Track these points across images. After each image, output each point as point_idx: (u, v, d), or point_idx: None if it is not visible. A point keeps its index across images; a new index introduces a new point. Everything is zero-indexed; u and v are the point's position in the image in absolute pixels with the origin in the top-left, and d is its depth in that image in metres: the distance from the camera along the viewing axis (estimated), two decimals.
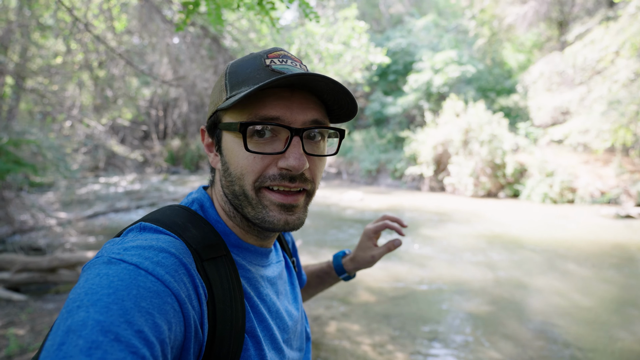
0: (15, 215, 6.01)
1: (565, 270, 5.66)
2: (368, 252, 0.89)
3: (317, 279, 0.94)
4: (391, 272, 5.40)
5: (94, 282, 0.40)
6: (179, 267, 0.47)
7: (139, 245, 0.47)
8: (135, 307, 0.39)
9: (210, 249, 0.54)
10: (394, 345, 3.32)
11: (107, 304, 0.38)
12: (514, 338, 3.51)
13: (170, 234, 0.52)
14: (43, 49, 7.87)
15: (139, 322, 0.38)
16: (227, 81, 0.58)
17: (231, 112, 0.56)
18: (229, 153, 0.57)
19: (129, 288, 0.40)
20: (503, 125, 14.83)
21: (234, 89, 0.56)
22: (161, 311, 0.41)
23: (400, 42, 20.88)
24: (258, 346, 0.55)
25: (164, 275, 0.44)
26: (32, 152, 6.68)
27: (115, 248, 0.47)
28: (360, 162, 19.80)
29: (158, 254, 0.46)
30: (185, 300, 0.44)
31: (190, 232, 0.55)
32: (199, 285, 0.49)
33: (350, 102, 0.56)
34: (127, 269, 0.42)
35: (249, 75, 0.56)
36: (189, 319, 0.44)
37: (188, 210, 0.59)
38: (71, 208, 8.68)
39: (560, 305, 4.32)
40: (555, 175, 13.13)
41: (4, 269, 4.09)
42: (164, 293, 0.42)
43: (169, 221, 0.55)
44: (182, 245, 0.51)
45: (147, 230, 0.52)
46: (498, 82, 19.55)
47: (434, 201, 13.31)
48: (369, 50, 8.27)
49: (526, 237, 7.82)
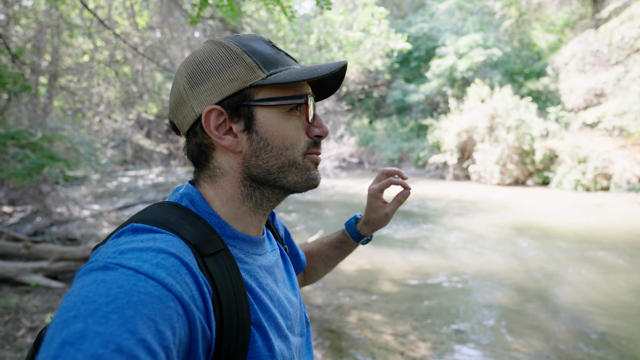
0: (52, 208, 6.33)
1: (599, 260, 5.42)
2: (380, 212, 0.91)
3: (336, 250, 0.96)
4: (413, 262, 5.35)
5: (90, 290, 0.38)
6: (180, 267, 0.45)
7: (136, 247, 0.45)
8: (137, 314, 0.37)
9: (208, 244, 0.53)
10: (416, 335, 3.30)
11: (106, 313, 0.36)
12: (543, 331, 3.41)
13: (166, 232, 0.50)
14: (71, 47, 8.16)
15: (141, 330, 0.36)
16: (253, 59, 0.58)
17: (269, 89, 0.58)
18: (272, 127, 0.59)
19: (129, 295, 0.38)
20: (531, 109, 14.22)
21: (270, 68, 0.58)
22: (164, 316, 0.39)
23: (422, 26, 20.28)
24: (265, 336, 0.55)
25: (165, 277, 0.42)
26: (65, 148, 7.00)
27: (110, 252, 0.44)
28: (382, 152, 19.57)
29: (157, 255, 0.44)
30: (188, 302, 0.43)
31: (185, 228, 0.53)
32: (203, 284, 0.47)
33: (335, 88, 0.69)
34: (125, 274, 0.40)
35: (274, 57, 0.60)
36: (194, 321, 0.43)
37: (178, 207, 0.57)
38: (103, 200, 9.07)
39: (593, 297, 4.15)
40: (588, 161, 12.52)
41: (43, 258, 4.35)
42: (166, 297, 0.40)
43: (161, 219, 0.53)
44: (180, 243, 0.49)
45: (140, 231, 0.50)
46: (526, 64, 18.69)
47: (458, 190, 13.02)
48: (389, 36, 8.08)
49: (557, 226, 7.53)
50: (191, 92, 0.58)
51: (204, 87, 0.58)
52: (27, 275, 4.06)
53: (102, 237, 6.08)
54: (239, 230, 0.61)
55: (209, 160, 0.61)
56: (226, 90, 0.57)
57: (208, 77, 0.58)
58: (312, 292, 4.22)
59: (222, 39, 0.60)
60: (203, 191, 0.62)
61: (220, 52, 0.58)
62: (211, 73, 0.58)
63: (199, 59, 0.59)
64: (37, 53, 7.33)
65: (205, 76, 0.58)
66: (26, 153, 4.51)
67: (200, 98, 0.58)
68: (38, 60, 7.37)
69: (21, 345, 2.89)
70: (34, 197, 6.39)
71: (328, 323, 3.51)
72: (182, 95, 0.59)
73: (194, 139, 0.60)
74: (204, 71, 0.58)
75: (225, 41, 0.59)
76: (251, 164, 0.59)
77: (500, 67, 18.17)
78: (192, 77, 0.58)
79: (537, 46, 19.11)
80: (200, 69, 0.58)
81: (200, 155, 0.61)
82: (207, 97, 0.57)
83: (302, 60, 7.43)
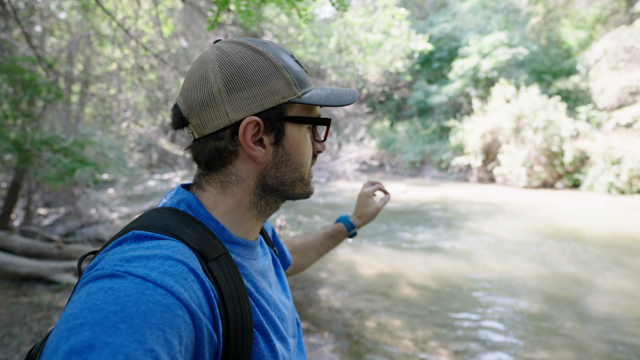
0: (83, 210, 6.62)
1: (634, 267, 5.13)
2: (373, 206, 1.12)
3: (331, 239, 1.09)
4: (434, 266, 5.23)
5: (98, 297, 0.38)
6: (188, 274, 0.45)
7: (142, 255, 0.45)
8: (145, 324, 0.37)
9: (211, 249, 0.53)
10: (437, 342, 3.22)
11: (114, 322, 0.35)
12: (572, 341, 3.26)
13: (169, 238, 0.50)
14: (101, 56, 8.53)
15: (149, 340, 0.36)
16: (291, 75, 0.58)
17: (300, 108, 0.61)
18: (296, 144, 0.62)
19: (137, 304, 0.38)
20: (560, 109, 13.68)
21: (303, 87, 0.60)
22: (172, 325, 0.39)
23: (444, 27, 19.95)
24: (267, 338, 0.55)
25: (173, 285, 0.42)
26: (95, 152, 7.30)
27: (116, 260, 0.44)
28: (403, 154, 19.33)
29: (164, 262, 0.44)
30: (196, 310, 0.43)
31: (187, 233, 0.53)
32: (210, 290, 0.47)
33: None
34: (133, 282, 0.40)
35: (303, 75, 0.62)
36: (201, 329, 0.43)
37: (177, 212, 0.57)
38: (130, 203, 9.40)
39: (629, 306, 3.93)
40: (622, 163, 11.91)
41: (73, 258, 4.55)
42: (174, 306, 0.40)
43: (162, 225, 0.52)
44: (185, 248, 0.49)
45: (143, 238, 0.49)
46: (555, 63, 18.02)
47: (482, 193, 12.67)
48: (410, 37, 7.99)
49: (588, 230, 7.19)
50: (227, 97, 0.56)
51: (243, 94, 0.56)
52: (58, 274, 4.25)
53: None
54: (238, 235, 0.62)
55: (226, 165, 0.60)
56: (267, 103, 0.56)
57: (250, 86, 0.56)
58: (331, 295, 4.21)
59: (255, 44, 0.58)
60: (202, 195, 0.61)
61: (261, 62, 0.57)
62: (253, 82, 0.56)
63: (238, 64, 0.56)
64: (70, 62, 7.70)
65: (246, 84, 0.56)
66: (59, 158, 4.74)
67: (238, 105, 0.56)
68: (70, 69, 7.75)
69: None
70: (66, 199, 6.70)
71: (347, 327, 3.49)
72: (216, 97, 0.56)
73: (215, 142, 0.58)
74: (245, 79, 0.56)
75: (262, 49, 0.58)
76: (269, 174, 0.61)
77: (526, 66, 17.60)
78: (231, 81, 0.56)
79: (566, 43, 18.39)
80: (241, 76, 0.56)
81: (218, 160, 0.59)
82: (246, 105, 0.56)
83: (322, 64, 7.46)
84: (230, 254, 0.58)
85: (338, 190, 13.13)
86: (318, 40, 7.22)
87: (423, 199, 11.31)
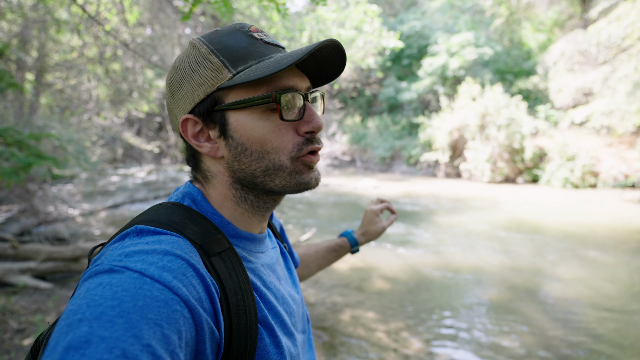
0: (39, 207, 6.22)
1: (588, 257, 5.52)
2: (378, 225, 1.10)
3: (333, 252, 1.07)
4: (406, 259, 5.38)
5: (96, 293, 0.38)
6: (187, 269, 0.45)
7: (142, 249, 0.45)
8: (142, 319, 0.37)
9: (215, 244, 0.53)
10: (409, 332, 3.32)
11: (111, 317, 0.36)
12: (533, 326, 3.46)
13: (171, 233, 0.50)
14: (59, 44, 8.00)
15: (146, 335, 0.36)
16: (220, 58, 0.54)
17: (239, 90, 0.54)
18: (247, 131, 0.54)
19: (134, 299, 0.38)
20: (521, 108, 14.40)
21: (239, 65, 0.53)
22: (170, 321, 0.39)
23: (414, 25, 20.36)
24: (272, 333, 0.55)
25: (171, 281, 0.42)
26: (53, 146, 6.87)
27: (115, 255, 0.44)
28: (374, 150, 19.64)
29: (163, 257, 0.44)
30: (195, 305, 0.42)
31: (190, 228, 0.53)
32: (210, 284, 0.47)
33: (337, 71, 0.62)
34: (131, 277, 0.40)
35: (245, 50, 0.54)
36: (201, 323, 0.43)
37: (181, 207, 0.57)
38: (92, 199, 8.94)
39: (583, 293, 4.23)
40: (576, 159, 12.74)
41: (30, 259, 4.27)
42: (172, 301, 0.40)
43: (165, 220, 0.52)
44: (186, 243, 0.49)
45: (145, 233, 0.49)
46: (516, 63, 18.91)
47: (449, 187, 13.13)
48: (382, 34, 8.09)
49: (546, 223, 7.65)
50: (173, 100, 0.58)
51: (180, 94, 0.57)
52: (14, 276, 3.98)
53: (92, 237, 5.99)
54: (243, 229, 0.61)
55: (198, 163, 0.61)
56: (196, 97, 0.55)
57: (182, 83, 0.56)
58: (305, 290, 4.22)
59: (197, 38, 0.57)
60: (204, 190, 0.61)
61: (191, 56, 0.56)
62: (184, 79, 0.56)
63: (175, 65, 0.58)
64: (23, 49, 7.17)
65: (179, 83, 0.56)
66: (13, 151, 4.41)
67: (179, 106, 0.57)
68: (24, 56, 7.21)
69: (8, 347, 2.83)
70: (20, 196, 6.26)
71: (321, 321, 3.52)
72: (169, 103, 0.60)
73: (184, 143, 0.60)
74: (178, 78, 0.57)
75: (196, 42, 0.56)
76: (235, 168, 0.57)
77: (491, 66, 18.35)
78: (171, 84, 0.58)
79: (527, 45, 19.34)
80: (176, 76, 0.57)
81: (192, 159, 0.62)
82: (183, 105, 0.57)
83: None
84: (236, 249, 0.58)
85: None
86: (290, 34, 7.15)
87: (393, 193, 11.56)
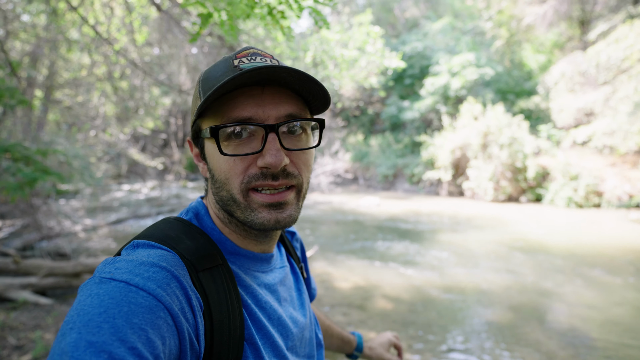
0: (43, 222, 6.24)
1: (592, 277, 5.43)
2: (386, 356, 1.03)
3: (340, 340, 1.01)
4: (408, 278, 5.31)
5: (85, 303, 0.41)
6: (171, 281, 0.46)
7: (130, 261, 0.47)
8: (127, 324, 0.39)
9: (205, 259, 0.54)
10: (412, 353, 3.25)
11: (98, 323, 0.38)
12: (538, 348, 3.38)
13: (163, 247, 0.52)
14: (69, 62, 8.22)
15: (131, 339, 0.38)
16: (200, 88, 0.58)
17: (207, 119, 0.56)
18: (211, 160, 0.57)
19: (119, 305, 0.40)
20: (523, 127, 14.47)
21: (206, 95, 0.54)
22: (154, 326, 0.41)
23: (416, 45, 20.75)
24: (257, 354, 0.55)
25: (155, 289, 0.44)
26: (59, 161, 6.95)
27: (107, 268, 0.47)
28: (376, 167, 19.67)
29: (149, 269, 0.46)
30: (178, 314, 0.44)
31: (184, 243, 0.54)
32: (193, 297, 0.48)
33: (320, 90, 0.55)
34: (117, 286, 0.42)
35: (219, 78, 0.55)
36: (183, 332, 0.44)
37: (182, 222, 0.60)
38: (95, 215, 8.96)
39: (588, 314, 4.14)
40: (580, 179, 12.68)
41: (31, 274, 4.25)
42: (156, 307, 0.42)
43: (162, 235, 0.55)
44: (174, 258, 0.50)
45: (140, 246, 0.52)
46: (518, 84, 19.13)
47: (452, 206, 13.07)
48: (384, 54, 8.25)
49: (550, 243, 7.56)
50: None
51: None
52: (14, 291, 3.96)
53: (94, 252, 5.97)
54: (241, 246, 0.62)
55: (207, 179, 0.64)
56: (191, 123, 0.61)
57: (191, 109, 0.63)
58: None
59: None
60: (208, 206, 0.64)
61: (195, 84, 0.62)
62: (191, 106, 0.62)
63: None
64: (34, 67, 7.36)
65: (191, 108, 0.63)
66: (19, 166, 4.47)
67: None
68: (34, 74, 7.40)
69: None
70: (24, 210, 6.30)
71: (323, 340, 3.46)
72: None
73: None
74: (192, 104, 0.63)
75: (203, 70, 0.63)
76: (213, 191, 0.59)
77: (492, 86, 18.56)
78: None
79: (528, 66, 19.61)
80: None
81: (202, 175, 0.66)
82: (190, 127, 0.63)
83: None
84: (231, 266, 0.59)
85: (313, 202, 13.13)
86: (294, 54, 7.31)
87: (396, 212, 11.51)
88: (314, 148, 0.59)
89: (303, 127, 0.57)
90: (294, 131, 0.56)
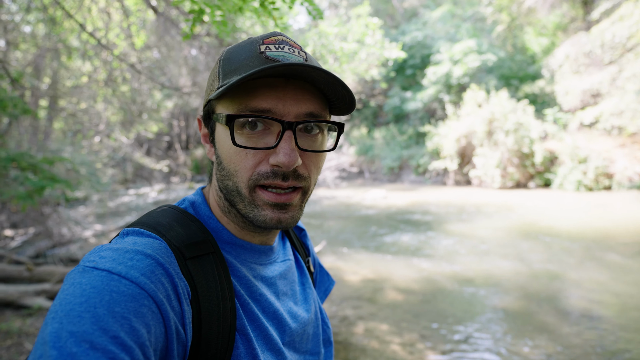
0: (54, 230, 6.33)
1: (606, 260, 5.36)
2: None
3: None
4: (418, 269, 5.29)
5: (68, 293, 0.40)
6: (156, 268, 0.45)
7: (116, 250, 0.46)
8: (109, 313, 0.38)
9: (195, 247, 0.53)
10: (425, 344, 3.24)
11: (79, 313, 0.37)
12: (552, 334, 3.35)
13: (152, 235, 0.51)
14: (70, 70, 8.27)
15: (113, 327, 0.37)
16: (220, 68, 0.55)
17: (223, 103, 0.53)
18: (221, 146, 0.55)
19: (101, 294, 0.39)
20: (529, 112, 14.29)
21: (226, 78, 0.53)
22: (138, 314, 0.40)
23: (416, 35, 20.54)
24: (249, 345, 0.53)
25: (138, 277, 0.43)
26: (66, 169, 7.03)
27: (91, 256, 0.46)
28: (381, 160, 19.60)
29: (133, 257, 0.45)
30: (163, 301, 0.43)
31: (174, 231, 0.53)
32: (179, 285, 0.47)
33: (347, 95, 0.53)
34: (99, 275, 0.42)
35: (242, 62, 0.52)
36: (169, 320, 0.43)
37: (176, 209, 0.58)
38: (104, 220, 9.06)
39: (602, 298, 4.09)
40: (588, 161, 12.51)
41: (45, 280, 4.32)
42: (139, 296, 0.41)
43: (153, 222, 0.54)
44: (161, 245, 0.49)
45: (129, 234, 0.51)
46: (521, 68, 18.86)
47: (460, 195, 12.99)
48: (384, 46, 8.17)
49: (561, 227, 7.48)
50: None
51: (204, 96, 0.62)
52: (29, 298, 4.02)
53: None
54: (238, 236, 0.60)
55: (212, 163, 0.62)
56: (204, 102, 0.58)
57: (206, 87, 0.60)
58: None
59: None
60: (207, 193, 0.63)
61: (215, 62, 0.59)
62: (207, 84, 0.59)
63: None
64: (37, 76, 7.43)
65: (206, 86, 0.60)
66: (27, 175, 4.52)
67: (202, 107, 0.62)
68: (37, 84, 7.47)
69: None
70: (35, 219, 6.39)
71: (334, 335, 3.46)
72: None
73: None
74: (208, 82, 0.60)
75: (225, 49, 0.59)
76: (218, 177, 0.57)
77: (495, 72, 18.33)
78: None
79: (531, 50, 19.31)
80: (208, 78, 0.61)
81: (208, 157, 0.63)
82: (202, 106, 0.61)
83: None
84: (225, 255, 0.57)
85: (319, 198, 13.13)
86: None
87: (403, 203, 11.47)
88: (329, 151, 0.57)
89: (320, 127, 0.55)
90: (310, 130, 0.54)
